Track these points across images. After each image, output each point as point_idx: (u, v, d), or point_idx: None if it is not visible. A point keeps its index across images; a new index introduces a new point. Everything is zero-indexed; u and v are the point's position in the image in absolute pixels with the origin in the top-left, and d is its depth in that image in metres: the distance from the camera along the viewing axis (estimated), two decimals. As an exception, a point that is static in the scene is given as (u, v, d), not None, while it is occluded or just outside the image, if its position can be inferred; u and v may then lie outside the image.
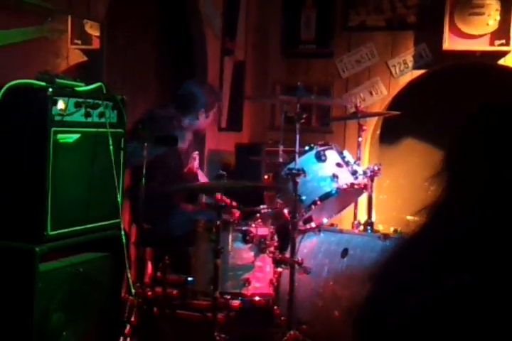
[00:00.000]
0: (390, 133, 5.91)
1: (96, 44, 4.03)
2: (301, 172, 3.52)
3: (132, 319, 3.18)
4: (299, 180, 3.52)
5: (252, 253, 3.48)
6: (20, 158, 2.61)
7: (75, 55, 3.93)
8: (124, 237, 2.90)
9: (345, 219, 4.67)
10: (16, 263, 2.53)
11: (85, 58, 3.98)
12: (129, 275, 2.93)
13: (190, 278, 3.39)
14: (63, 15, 3.70)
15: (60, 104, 2.64)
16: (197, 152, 4.16)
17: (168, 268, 3.48)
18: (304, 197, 3.71)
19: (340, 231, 3.93)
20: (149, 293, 3.46)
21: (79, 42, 3.96)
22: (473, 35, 5.21)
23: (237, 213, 3.84)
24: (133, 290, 2.95)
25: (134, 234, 3.68)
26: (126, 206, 3.55)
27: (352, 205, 4.34)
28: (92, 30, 4.00)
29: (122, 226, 2.97)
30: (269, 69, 5.92)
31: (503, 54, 5.29)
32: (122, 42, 4.42)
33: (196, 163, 4.12)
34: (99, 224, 2.89)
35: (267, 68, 5.92)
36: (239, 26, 5.56)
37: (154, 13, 4.91)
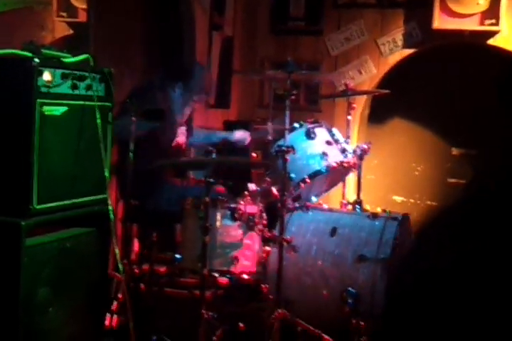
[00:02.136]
0: (379, 113, 5.88)
1: (82, 17, 3.94)
2: (291, 149, 3.47)
3: (119, 296, 3.14)
4: (288, 157, 3.47)
5: (240, 231, 3.45)
6: (5, 130, 2.55)
7: (60, 28, 3.86)
8: (111, 213, 2.85)
9: (333, 198, 4.64)
10: (1, 238, 2.47)
11: (71, 31, 3.90)
12: (117, 252, 2.88)
13: (177, 256, 3.35)
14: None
15: (46, 75, 2.58)
16: (185, 127, 4.10)
17: (156, 245, 3.44)
18: (293, 175, 3.67)
19: (329, 210, 3.90)
20: (136, 270, 3.42)
21: (64, 14, 3.88)
22: (463, 14, 5.18)
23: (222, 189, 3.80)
24: (120, 267, 2.90)
25: (121, 210, 3.63)
26: (113, 181, 3.49)
27: (340, 184, 4.31)
28: (78, 2, 3.92)
29: (109, 202, 2.91)
30: (257, 45, 5.85)
31: (493, 34, 5.26)
32: (109, 16, 4.33)
33: (184, 138, 4.05)
34: (86, 198, 2.84)
35: (255, 45, 5.85)
36: (227, 1, 5.48)
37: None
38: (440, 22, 5.22)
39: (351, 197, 4.43)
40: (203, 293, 3.16)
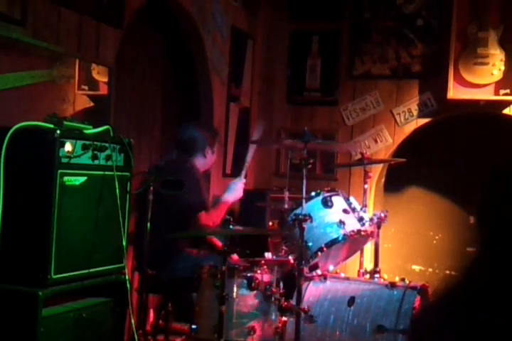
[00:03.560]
0: (395, 182, 5.89)
1: (103, 90, 4.04)
2: (308, 217, 3.48)
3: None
4: (305, 225, 3.47)
5: (257, 301, 3.41)
6: (25, 200, 2.58)
7: (81, 101, 3.94)
8: (128, 282, 2.84)
9: (350, 267, 4.61)
10: (18, 308, 2.46)
11: (91, 104, 3.99)
12: (133, 322, 2.85)
13: (193, 326, 3.31)
14: (72, 59, 3.72)
15: (68, 146, 2.62)
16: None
17: (171, 315, 3.40)
18: (310, 244, 3.66)
19: (347, 279, 3.86)
20: (151, 342, 3.38)
21: (86, 87, 3.97)
22: (477, 84, 5.25)
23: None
24: (136, 338, 2.87)
25: (137, 279, 3.61)
26: (129, 251, 3.50)
27: (357, 253, 4.28)
28: (99, 76, 4.02)
29: (126, 271, 2.91)
30: (274, 116, 5.95)
31: (508, 103, 5.32)
32: (129, 88, 4.45)
33: None
34: (103, 268, 2.83)
35: (272, 115, 5.95)
36: (245, 73, 5.61)
37: (162, 59, 4.95)
38: (455, 92, 5.30)
39: (369, 265, 4.40)
40: (218, 364, 3.11)
